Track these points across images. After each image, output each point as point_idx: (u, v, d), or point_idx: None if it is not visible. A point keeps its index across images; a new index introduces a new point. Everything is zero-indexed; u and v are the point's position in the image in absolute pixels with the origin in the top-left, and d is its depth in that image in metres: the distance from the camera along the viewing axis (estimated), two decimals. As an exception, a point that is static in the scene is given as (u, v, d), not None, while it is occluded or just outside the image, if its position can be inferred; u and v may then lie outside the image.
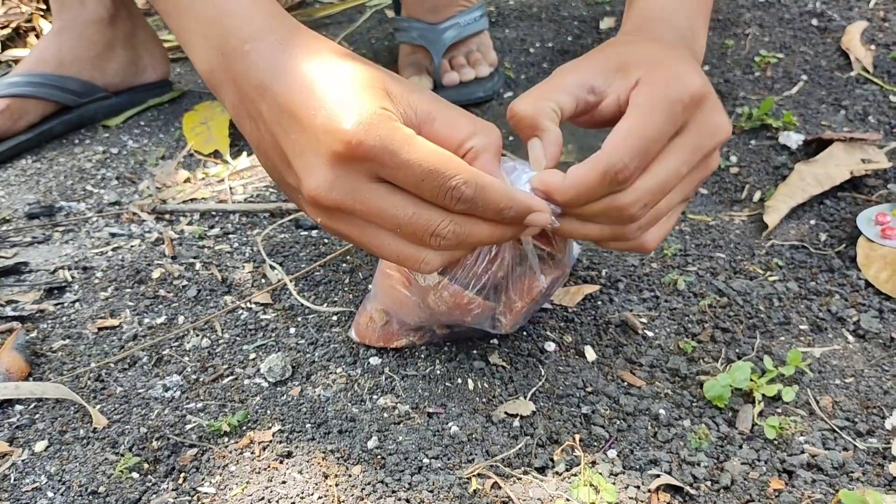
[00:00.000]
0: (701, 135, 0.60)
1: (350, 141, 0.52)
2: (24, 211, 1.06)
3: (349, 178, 0.54)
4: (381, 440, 0.70)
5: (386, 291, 0.76)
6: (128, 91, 1.28)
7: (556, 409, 0.74)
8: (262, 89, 0.57)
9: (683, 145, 0.59)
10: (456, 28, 1.32)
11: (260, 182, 1.10)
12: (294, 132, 0.55)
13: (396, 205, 0.56)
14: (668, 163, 0.59)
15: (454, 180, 0.54)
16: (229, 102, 0.63)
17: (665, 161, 0.59)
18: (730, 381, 0.73)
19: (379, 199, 0.55)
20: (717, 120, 0.61)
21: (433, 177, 0.53)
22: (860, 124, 1.16)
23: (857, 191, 1.03)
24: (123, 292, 0.90)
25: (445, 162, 0.54)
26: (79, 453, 0.70)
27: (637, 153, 0.56)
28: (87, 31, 1.20)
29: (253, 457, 0.69)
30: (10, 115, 1.16)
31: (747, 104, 1.22)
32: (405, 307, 0.75)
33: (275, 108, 0.56)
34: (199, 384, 0.78)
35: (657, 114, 0.57)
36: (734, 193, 1.07)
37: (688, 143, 0.59)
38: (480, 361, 0.79)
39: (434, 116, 0.58)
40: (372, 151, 0.52)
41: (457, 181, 0.54)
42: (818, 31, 1.38)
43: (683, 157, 0.59)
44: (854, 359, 0.79)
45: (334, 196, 0.55)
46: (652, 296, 0.88)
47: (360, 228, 0.58)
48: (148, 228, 1.01)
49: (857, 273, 0.89)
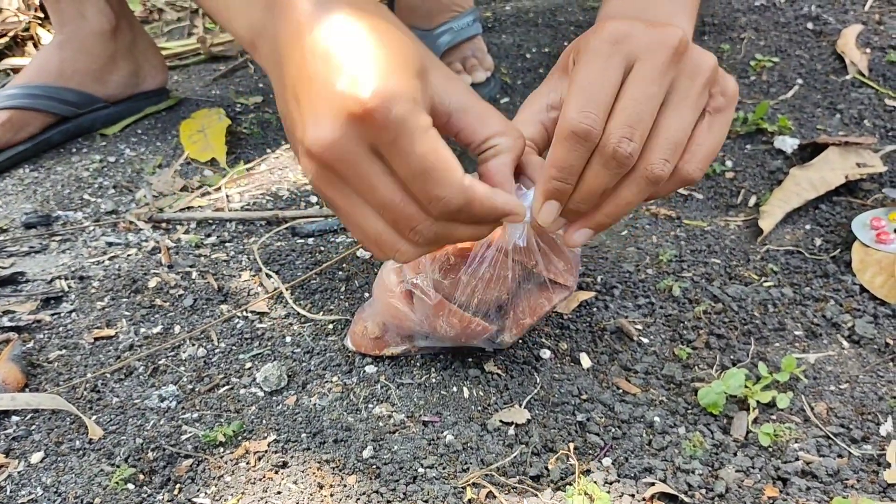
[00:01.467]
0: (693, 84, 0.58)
1: (366, 105, 0.51)
2: (22, 220, 1.06)
3: (352, 141, 0.53)
4: (377, 449, 0.70)
5: (386, 306, 0.76)
6: (126, 100, 1.28)
7: (552, 416, 0.74)
8: (301, 35, 0.55)
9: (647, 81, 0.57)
10: (450, 33, 1.33)
11: (256, 190, 1.10)
12: (317, 82, 0.53)
13: (388, 186, 0.55)
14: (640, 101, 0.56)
15: (442, 191, 0.53)
16: (265, 54, 0.62)
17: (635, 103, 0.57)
18: (724, 388, 0.73)
19: (373, 173, 0.54)
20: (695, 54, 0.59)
21: (424, 177, 0.53)
22: (855, 128, 1.16)
23: (852, 195, 1.03)
24: (120, 302, 0.90)
25: (443, 168, 0.53)
26: (74, 464, 0.70)
27: (586, 102, 0.56)
28: (88, 44, 1.21)
29: (248, 467, 0.69)
30: (10, 126, 1.16)
31: (743, 108, 1.22)
32: (404, 324, 0.75)
33: (308, 54, 0.54)
34: (195, 394, 0.78)
35: (590, 59, 0.57)
36: (729, 198, 1.07)
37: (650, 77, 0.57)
38: (476, 369, 0.79)
39: (468, 107, 0.58)
40: (383, 124, 0.51)
41: (444, 192, 0.53)
42: (813, 34, 1.38)
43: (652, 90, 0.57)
44: (849, 365, 0.79)
45: (332, 153, 0.53)
46: (647, 302, 0.88)
47: (347, 198, 0.57)
48: (145, 237, 1.01)
49: (852, 278, 0.89)
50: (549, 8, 1.64)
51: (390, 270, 0.75)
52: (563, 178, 0.59)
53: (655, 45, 0.57)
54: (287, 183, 1.11)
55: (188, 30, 1.72)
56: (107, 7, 1.21)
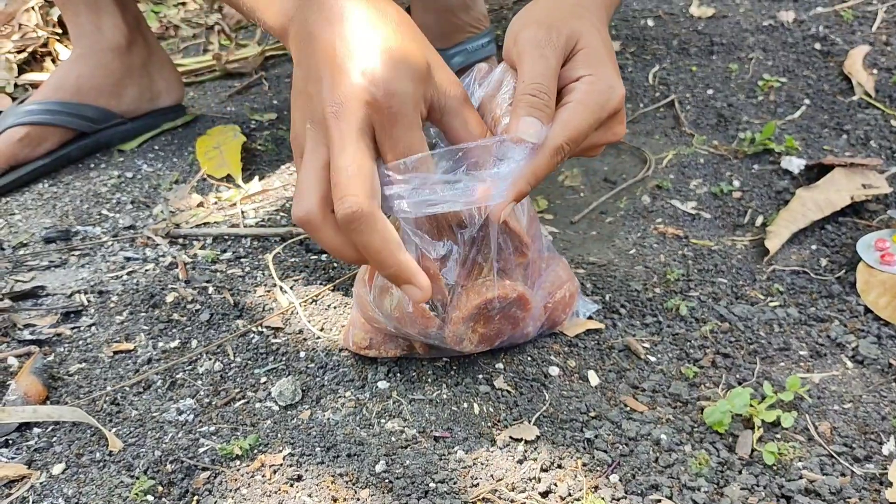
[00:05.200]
0: (606, 135, 0.72)
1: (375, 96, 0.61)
2: (41, 235, 1.08)
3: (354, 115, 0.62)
4: (389, 464, 0.72)
5: (357, 296, 0.81)
6: (143, 116, 1.31)
7: (560, 433, 0.75)
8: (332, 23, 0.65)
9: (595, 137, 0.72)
10: (464, 54, 1.35)
11: (271, 206, 1.12)
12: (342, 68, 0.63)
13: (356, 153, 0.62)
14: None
15: (345, 196, 0.61)
16: (293, 34, 0.70)
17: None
18: (729, 407, 0.74)
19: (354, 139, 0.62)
20: (620, 129, 0.73)
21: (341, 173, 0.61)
22: (862, 149, 1.18)
23: (858, 216, 1.04)
24: (138, 316, 0.92)
25: (352, 176, 0.61)
26: (95, 476, 0.72)
27: (573, 141, 0.67)
28: (104, 59, 1.23)
29: (264, 480, 0.71)
30: (29, 142, 1.19)
31: (750, 129, 1.24)
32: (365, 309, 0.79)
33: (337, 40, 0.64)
34: (212, 407, 0.80)
35: (592, 113, 0.68)
36: (736, 218, 1.08)
37: (598, 136, 0.72)
38: (486, 386, 0.81)
39: (457, 112, 0.68)
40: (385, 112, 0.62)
41: (343, 197, 0.61)
42: (821, 55, 1.40)
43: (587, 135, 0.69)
44: (852, 385, 0.81)
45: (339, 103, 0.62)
46: (655, 321, 0.89)
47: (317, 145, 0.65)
48: (162, 252, 1.04)
49: (857, 299, 0.91)
50: (559, 26, 1.66)
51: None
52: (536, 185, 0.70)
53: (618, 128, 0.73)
54: (301, 199, 1.13)
55: (204, 46, 1.74)
56: (123, 23, 1.24)
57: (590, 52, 0.70)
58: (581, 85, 0.68)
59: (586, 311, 0.89)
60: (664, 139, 1.27)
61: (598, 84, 0.68)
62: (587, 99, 0.68)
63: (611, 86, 0.69)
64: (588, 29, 0.71)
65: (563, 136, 0.67)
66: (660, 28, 1.55)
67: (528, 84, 0.67)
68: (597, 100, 0.68)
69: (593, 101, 0.68)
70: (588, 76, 0.68)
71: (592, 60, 0.69)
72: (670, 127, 1.29)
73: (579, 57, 0.70)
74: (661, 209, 1.11)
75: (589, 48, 0.70)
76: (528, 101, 0.66)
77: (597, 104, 0.68)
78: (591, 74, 0.69)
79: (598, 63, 0.69)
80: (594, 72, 0.69)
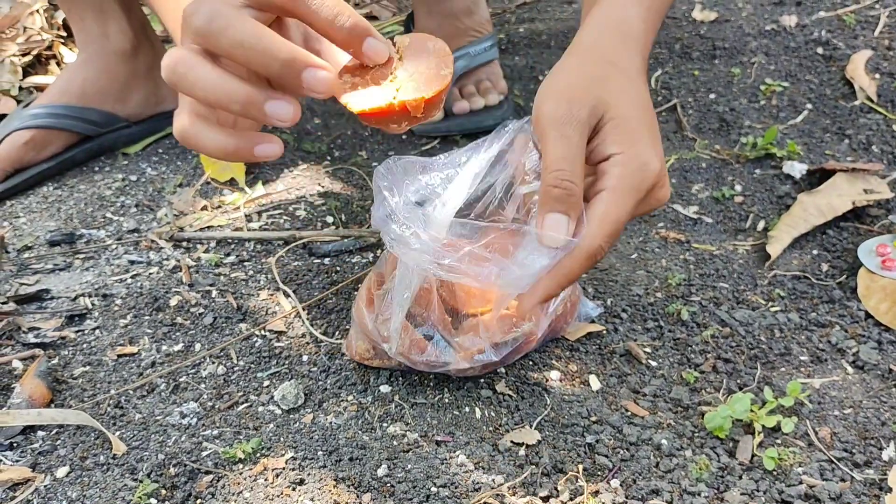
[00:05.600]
0: (650, 204, 0.66)
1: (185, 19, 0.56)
2: (46, 238, 1.09)
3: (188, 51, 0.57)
4: (391, 468, 0.73)
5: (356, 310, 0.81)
6: (147, 120, 1.32)
7: (561, 438, 0.76)
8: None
9: (637, 212, 0.66)
10: (466, 58, 1.35)
11: (275, 210, 1.13)
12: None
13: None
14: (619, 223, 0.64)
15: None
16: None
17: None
18: (730, 413, 0.75)
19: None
20: (664, 193, 0.67)
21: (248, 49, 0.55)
22: (864, 154, 1.18)
23: (859, 221, 1.05)
24: (142, 319, 0.92)
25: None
26: (99, 479, 0.73)
27: (612, 236, 0.62)
28: (110, 64, 1.24)
29: (267, 484, 0.72)
30: (34, 145, 1.20)
31: (752, 133, 1.24)
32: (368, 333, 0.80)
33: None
34: (215, 411, 0.80)
35: (630, 199, 0.62)
36: (738, 222, 1.09)
37: (639, 210, 0.66)
38: (487, 390, 0.81)
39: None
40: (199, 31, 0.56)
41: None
42: (823, 59, 1.40)
43: (630, 219, 0.65)
44: (853, 390, 0.81)
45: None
46: (656, 325, 0.90)
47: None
48: (166, 256, 1.04)
49: (858, 304, 0.91)
50: (562, 30, 1.67)
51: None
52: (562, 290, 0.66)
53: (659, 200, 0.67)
54: (304, 203, 1.14)
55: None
56: (128, 27, 1.25)
57: (619, 124, 0.64)
58: (612, 168, 0.63)
59: (588, 314, 0.89)
60: (666, 143, 1.27)
61: (630, 164, 0.62)
62: (620, 185, 0.62)
63: (644, 163, 0.63)
64: (616, 94, 0.65)
65: (601, 237, 0.61)
66: (662, 32, 1.55)
67: (551, 173, 0.61)
68: (631, 183, 0.62)
69: (627, 186, 0.62)
70: (618, 155, 0.63)
71: (622, 134, 0.63)
72: (672, 131, 1.30)
73: (608, 130, 0.64)
74: (663, 213, 1.11)
75: (617, 119, 0.64)
76: (551, 195, 0.61)
77: (631, 188, 0.62)
78: (621, 153, 0.63)
79: (628, 136, 0.63)
80: (625, 149, 0.63)
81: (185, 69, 0.56)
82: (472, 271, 0.65)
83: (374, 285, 0.81)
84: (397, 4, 1.93)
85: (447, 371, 0.79)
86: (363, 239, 1.05)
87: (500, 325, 0.79)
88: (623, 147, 0.63)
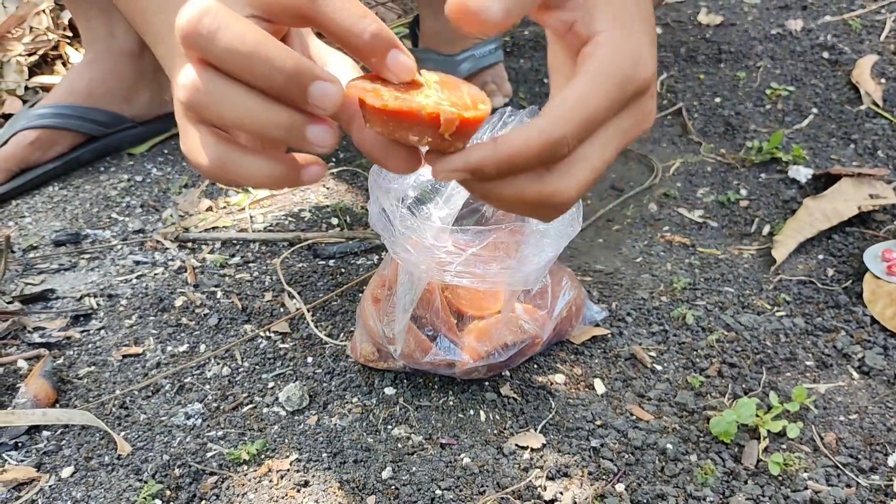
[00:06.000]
0: (635, 120, 0.52)
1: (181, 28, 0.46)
2: (51, 238, 1.09)
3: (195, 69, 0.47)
4: (396, 470, 0.73)
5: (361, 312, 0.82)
6: (153, 120, 1.32)
7: (566, 441, 0.76)
8: None
9: (617, 127, 0.51)
10: (471, 60, 1.35)
11: (279, 211, 1.13)
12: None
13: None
14: (597, 143, 0.50)
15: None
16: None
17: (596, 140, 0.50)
18: (736, 417, 0.74)
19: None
20: (650, 107, 0.53)
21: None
22: (869, 158, 1.18)
23: (865, 226, 1.04)
24: (147, 320, 0.92)
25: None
26: (104, 479, 0.73)
27: (581, 128, 0.47)
28: (117, 64, 1.24)
29: (271, 485, 0.72)
30: (40, 145, 1.20)
31: (758, 137, 1.24)
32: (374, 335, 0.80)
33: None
34: (220, 412, 0.80)
35: (611, 90, 0.48)
36: (743, 227, 1.09)
37: (621, 125, 0.51)
38: (492, 393, 0.81)
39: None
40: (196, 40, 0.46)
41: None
42: (829, 63, 1.40)
43: (612, 141, 0.51)
44: (858, 395, 0.81)
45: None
46: (661, 329, 0.90)
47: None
48: (171, 256, 1.04)
49: (864, 309, 0.91)
50: (567, 33, 1.67)
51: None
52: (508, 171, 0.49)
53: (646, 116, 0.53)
54: (309, 205, 1.14)
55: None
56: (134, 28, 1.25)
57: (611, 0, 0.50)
58: (597, 49, 0.49)
59: (593, 318, 0.89)
60: (671, 147, 1.27)
61: (621, 50, 0.49)
62: (604, 69, 0.48)
63: (638, 54, 0.50)
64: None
65: (567, 123, 0.46)
66: (668, 35, 1.55)
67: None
68: (617, 71, 0.49)
69: (613, 73, 0.48)
70: (606, 33, 0.49)
71: (614, 11, 0.50)
72: (678, 135, 1.30)
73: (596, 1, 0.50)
74: (668, 217, 1.11)
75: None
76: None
77: (617, 78, 0.49)
78: (610, 32, 0.49)
79: (621, 16, 0.50)
80: (617, 30, 0.49)
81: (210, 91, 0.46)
82: (479, 273, 0.65)
83: (378, 287, 0.81)
84: (402, 7, 1.93)
85: (452, 373, 0.79)
86: (368, 241, 1.05)
87: (507, 326, 0.79)
88: (614, 26, 0.49)
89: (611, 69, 0.48)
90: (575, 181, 0.49)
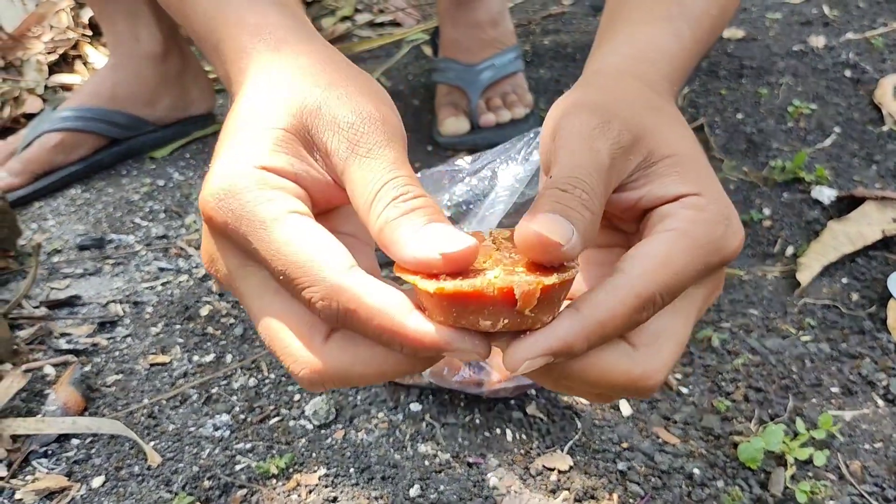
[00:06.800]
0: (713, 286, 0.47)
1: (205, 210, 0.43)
2: (76, 242, 1.09)
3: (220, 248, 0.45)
4: (423, 488, 0.73)
5: None
6: (174, 124, 1.32)
7: (593, 463, 0.76)
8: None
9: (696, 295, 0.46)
10: (492, 69, 1.35)
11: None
12: None
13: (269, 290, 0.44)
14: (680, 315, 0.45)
15: (308, 293, 0.40)
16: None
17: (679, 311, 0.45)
18: (763, 444, 0.75)
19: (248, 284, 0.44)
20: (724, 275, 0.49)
21: (286, 281, 0.41)
22: (892, 180, 1.18)
23: (888, 250, 1.04)
24: (173, 328, 0.93)
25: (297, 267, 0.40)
26: (134, 490, 0.73)
27: (669, 290, 0.42)
28: (141, 68, 1.24)
29: (300, 500, 0.72)
30: (63, 148, 1.20)
31: (780, 156, 1.24)
32: None
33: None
34: (248, 424, 0.81)
35: (701, 254, 0.43)
36: (766, 247, 1.09)
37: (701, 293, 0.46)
38: (518, 412, 0.81)
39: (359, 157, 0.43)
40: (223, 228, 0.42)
41: (311, 295, 0.40)
42: (851, 82, 1.40)
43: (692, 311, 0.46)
44: (883, 423, 0.81)
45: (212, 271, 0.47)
46: (686, 351, 0.90)
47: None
48: (195, 263, 1.05)
49: (888, 336, 0.91)
50: (587, 43, 1.67)
51: None
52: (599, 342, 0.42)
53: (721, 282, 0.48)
54: (332, 214, 1.14)
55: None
56: (159, 32, 1.25)
57: (682, 162, 0.46)
58: (682, 210, 0.44)
59: None
60: (693, 163, 1.27)
61: (709, 209, 0.44)
62: (693, 231, 0.43)
63: (727, 217, 0.45)
64: (666, 128, 0.48)
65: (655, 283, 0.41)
66: (689, 49, 1.55)
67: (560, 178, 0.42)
68: (707, 234, 0.43)
69: (702, 235, 0.43)
70: (693, 197, 0.44)
71: (692, 173, 0.46)
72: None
73: (667, 166, 0.46)
74: (691, 235, 1.11)
75: (679, 157, 0.46)
76: (553, 197, 0.41)
77: (706, 240, 0.43)
78: (698, 194, 0.44)
79: (701, 178, 0.46)
80: (702, 191, 0.45)
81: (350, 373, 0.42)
82: None
83: None
84: (421, 12, 1.93)
85: (479, 392, 0.79)
86: (392, 253, 1.05)
87: None
88: (699, 188, 0.45)
89: (700, 231, 0.43)
90: (662, 361, 0.43)
